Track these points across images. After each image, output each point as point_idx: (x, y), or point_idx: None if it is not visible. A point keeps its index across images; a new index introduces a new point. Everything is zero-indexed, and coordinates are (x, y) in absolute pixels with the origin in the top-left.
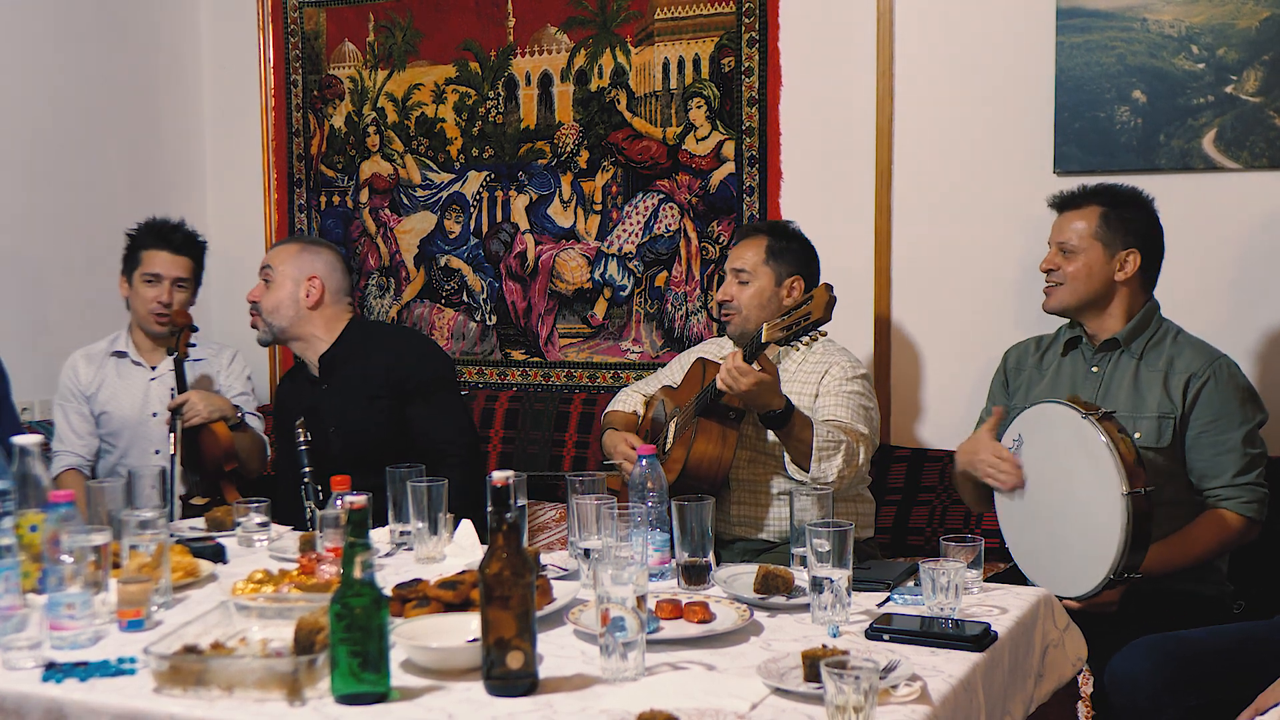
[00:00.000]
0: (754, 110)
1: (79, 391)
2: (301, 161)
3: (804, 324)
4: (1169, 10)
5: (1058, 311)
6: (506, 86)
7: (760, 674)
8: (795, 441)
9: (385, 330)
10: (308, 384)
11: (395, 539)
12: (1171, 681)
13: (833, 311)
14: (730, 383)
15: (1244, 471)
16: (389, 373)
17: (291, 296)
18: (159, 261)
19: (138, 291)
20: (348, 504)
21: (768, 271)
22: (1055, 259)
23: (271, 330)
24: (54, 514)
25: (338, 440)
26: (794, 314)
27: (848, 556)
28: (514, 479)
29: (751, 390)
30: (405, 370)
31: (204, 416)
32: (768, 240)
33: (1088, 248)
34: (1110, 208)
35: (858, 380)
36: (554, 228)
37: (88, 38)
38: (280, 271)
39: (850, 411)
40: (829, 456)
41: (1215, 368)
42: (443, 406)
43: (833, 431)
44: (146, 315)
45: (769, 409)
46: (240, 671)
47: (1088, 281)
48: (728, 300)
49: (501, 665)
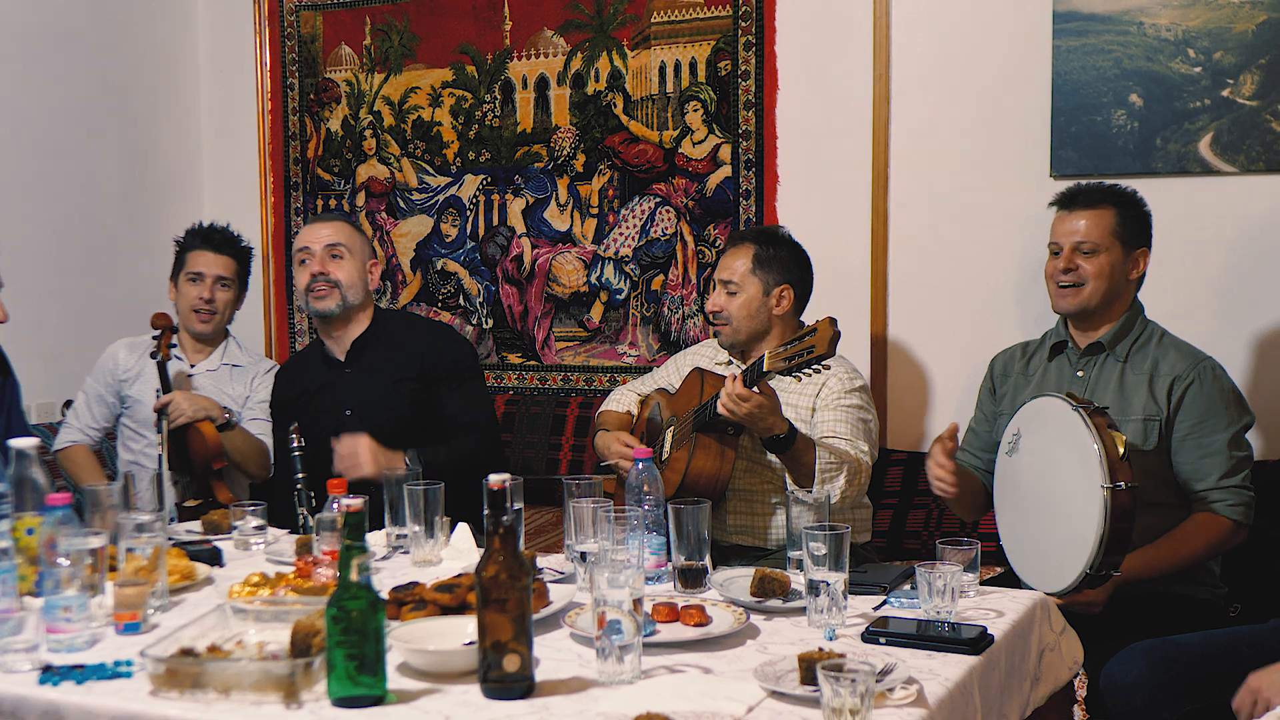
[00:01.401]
0: (751, 114)
1: (114, 375)
2: (298, 165)
3: (807, 358)
4: (1165, 14)
5: (1076, 312)
6: (503, 90)
7: (757, 677)
8: (798, 464)
9: (409, 319)
10: (324, 367)
11: (392, 542)
12: (1167, 685)
13: (836, 347)
14: (731, 407)
15: (1230, 474)
16: (423, 358)
17: (362, 275)
18: (201, 260)
19: (182, 291)
20: (344, 507)
21: (755, 281)
22: (1073, 258)
23: (345, 304)
24: (51, 517)
25: (353, 424)
26: (797, 345)
27: (844, 560)
28: (510, 482)
29: (751, 415)
30: (439, 356)
31: (189, 416)
32: (755, 249)
33: (1110, 246)
34: (1124, 208)
35: (855, 393)
36: (550, 231)
37: (85, 41)
38: (354, 249)
39: (849, 427)
40: (832, 478)
41: (1200, 370)
42: (472, 390)
43: (836, 451)
44: (188, 313)
45: (771, 433)
46: (237, 674)
47: (1110, 281)
48: (717, 311)
49: (498, 668)
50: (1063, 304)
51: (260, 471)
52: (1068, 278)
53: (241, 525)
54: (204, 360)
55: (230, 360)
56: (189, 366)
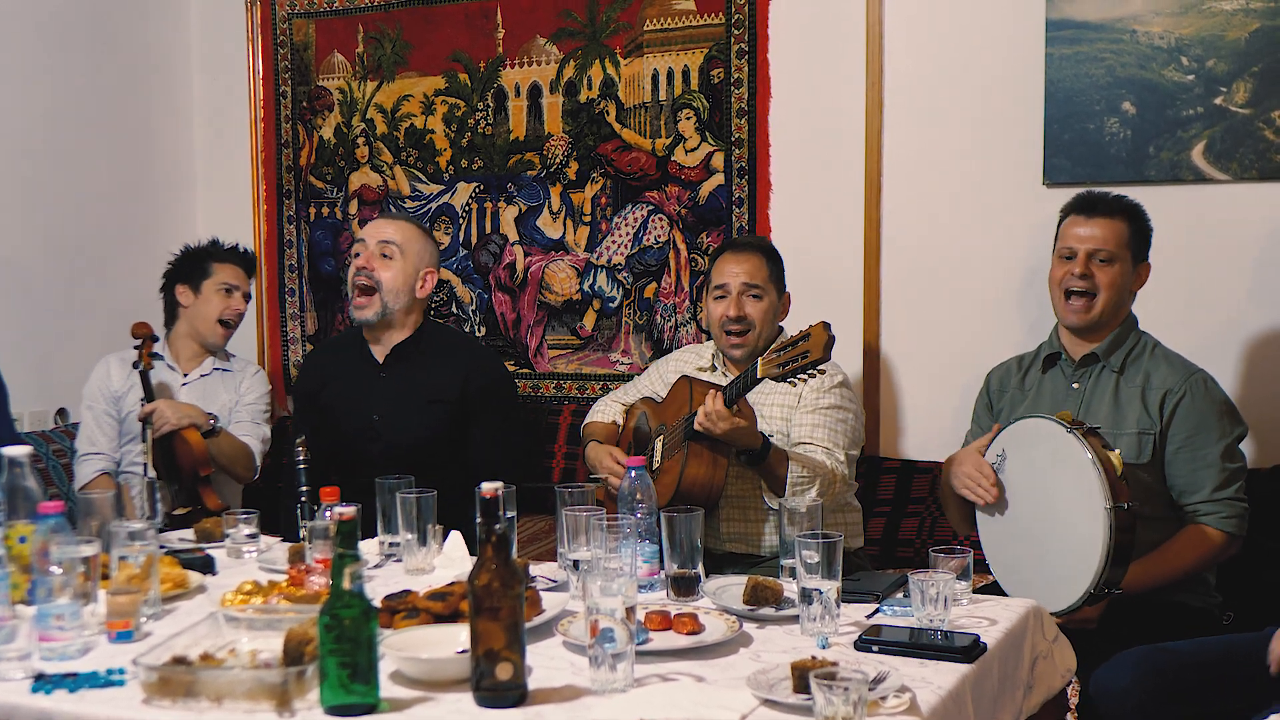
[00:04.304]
0: (743, 122)
1: (109, 392)
2: (291, 173)
3: (801, 363)
4: (1158, 22)
5: (1092, 325)
6: (495, 98)
7: (749, 685)
8: (771, 477)
9: (458, 338)
10: (360, 362)
11: (384, 550)
12: (1157, 693)
13: (831, 351)
14: (708, 425)
15: (1223, 486)
16: (459, 383)
17: (409, 282)
18: (235, 274)
19: (208, 299)
20: (337, 515)
21: (773, 288)
22: (1089, 265)
23: (385, 310)
24: (43, 525)
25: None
26: (791, 351)
27: (837, 568)
28: (502, 490)
29: (728, 434)
30: (478, 384)
31: (173, 423)
32: (763, 256)
33: (1123, 257)
34: (1135, 220)
35: (834, 391)
36: (543, 239)
37: (78, 49)
38: (408, 252)
39: (827, 431)
40: (804, 490)
41: (1191, 383)
42: (504, 430)
43: (809, 464)
44: (213, 323)
45: (745, 448)
46: (229, 683)
47: (1120, 292)
48: (743, 317)
49: (491, 676)
50: (1073, 318)
51: (246, 473)
52: (1082, 284)
53: (234, 533)
54: (197, 367)
55: (220, 365)
56: (183, 376)
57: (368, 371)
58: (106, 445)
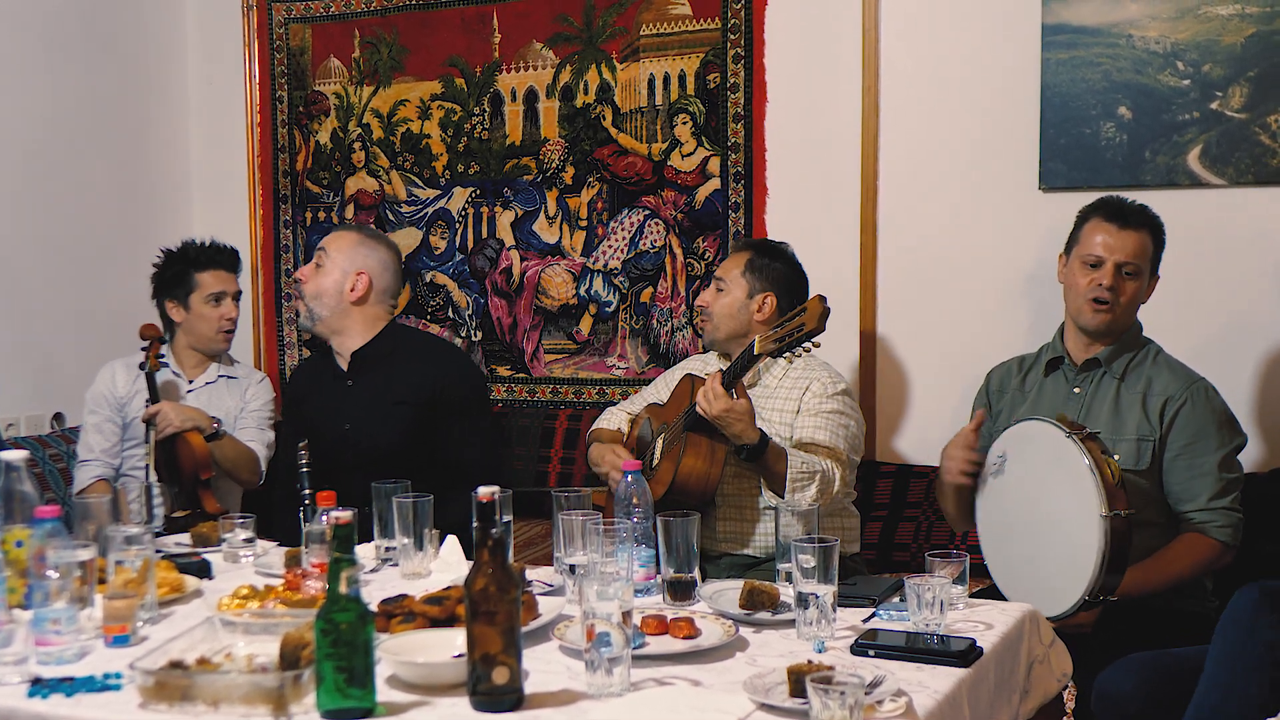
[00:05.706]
0: (739, 126)
1: (114, 398)
2: (287, 177)
3: (797, 335)
4: (1155, 26)
5: (1107, 334)
6: (492, 102)
7: (746, 689)
8: (770, 474)
9: (423, 339)
10: (331, 377)
11: (381, 555)
12: (1157, 698)
13: (826, 323)
14: (705, 405)
15: (1219, 495)
16: (424, 385)
17: (337, 286)
18: (217, 281)
19: (200, 314)
20: (333, 519)
21: (743, 284)
22: (1113, 278)
23: (312, 316)
24: (40, 529)
25: (353, 439)
26: (787, 325)
27: (833, 572)
28: (499, 495)
29: (722, 416)
30: (442, 385)
31: (176, 426)
32: (751, 255)
33: (1146, 270)
34: (1156, 234)
35: (837, 398)
36: (539, 244)
37: (74, 54)
38: (333, 258)
39: (829, 433)
40: (803, 487)
41: (1192, 391)
42: (475, 428)
43: (808, 461)
44: (213, 335)
45: (741, 441)
46: (226, 687)
47: (1137, 304)
48: (703, 306)
49: (487, 681)
50: (1094, 320)
51: (251, 478)
52: (1108, 295)
53: (230, 538)
54: (202, 374)
55: (225, 372)
56: (188, 383)
57: (337, 381)
58: (106, 451)
